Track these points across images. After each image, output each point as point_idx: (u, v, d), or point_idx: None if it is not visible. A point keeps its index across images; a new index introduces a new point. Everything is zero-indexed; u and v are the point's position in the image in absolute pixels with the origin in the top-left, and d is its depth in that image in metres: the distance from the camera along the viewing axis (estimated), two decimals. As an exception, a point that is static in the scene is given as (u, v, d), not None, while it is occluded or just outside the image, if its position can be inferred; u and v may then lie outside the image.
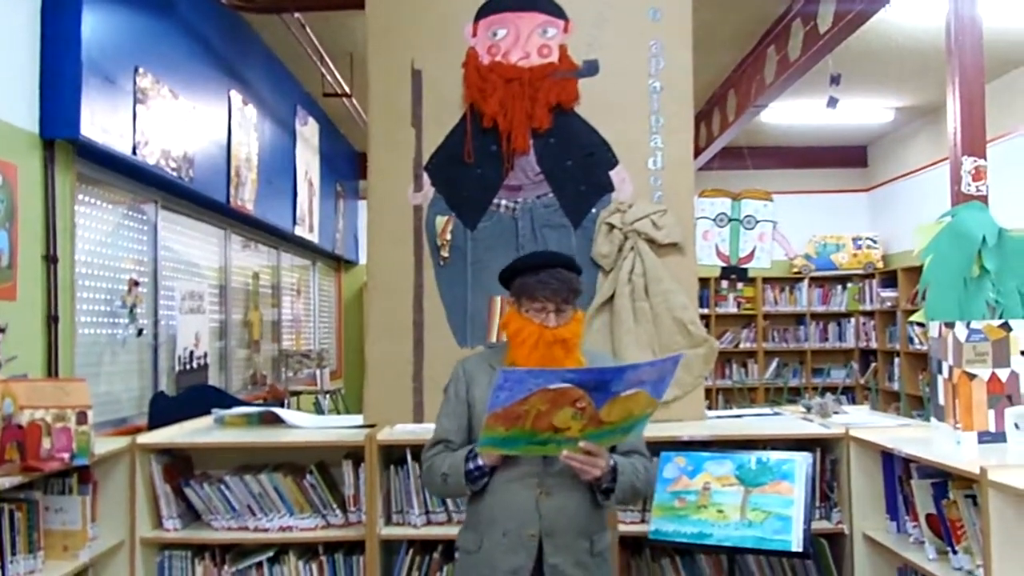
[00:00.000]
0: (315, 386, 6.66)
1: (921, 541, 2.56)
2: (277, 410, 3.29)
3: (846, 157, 9.39)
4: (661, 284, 3.22)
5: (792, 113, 7.46)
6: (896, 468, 2.75)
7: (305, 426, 3.21)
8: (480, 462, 2.13)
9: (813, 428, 2.99)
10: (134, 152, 3.70)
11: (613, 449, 2.15)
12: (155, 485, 2.95)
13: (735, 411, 3.61)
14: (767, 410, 3.52)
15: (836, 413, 3.32)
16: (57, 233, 3.32)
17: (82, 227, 3.64)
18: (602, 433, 1.99)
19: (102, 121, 3.48)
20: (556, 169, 3.27)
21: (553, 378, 1.86)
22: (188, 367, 4.66)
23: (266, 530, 2.96)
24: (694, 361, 3.23)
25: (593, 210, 3.28)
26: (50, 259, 3.29)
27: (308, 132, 6.74)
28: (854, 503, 2.84)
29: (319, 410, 6.57)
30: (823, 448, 2.91)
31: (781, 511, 2.43)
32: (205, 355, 4.90)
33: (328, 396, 6.83)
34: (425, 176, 3.29)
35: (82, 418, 2.53)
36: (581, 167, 3.28)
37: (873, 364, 8.75)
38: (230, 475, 2.97)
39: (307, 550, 3.01)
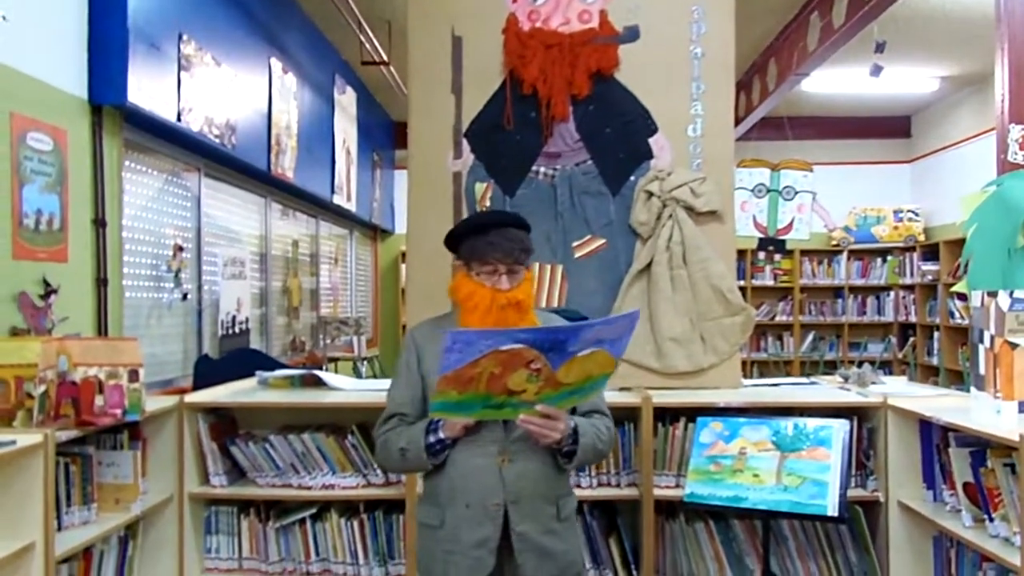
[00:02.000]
0: (352, 353, 6.76)
1: (958, 509, 2.56)
2: (319, 372, 3.35)
3: (888, 128, 9.21)
4: (699, 252, 3.22)
5: (834, 82, 7.33)
6: (934, 437, 2.74)
7: (346, 388, 3.27)
8: (442, 435, 2.04)
9: (851, 396, 2.99)
10: (179, 119, 3.77)
11: (574, 411, 2.10)
12: (202, 443, 3.04)
13: (771, 380, 3.61)
14: (803, 380, 3.51)
15: (874, 383, 3.30)
16: (105, 198, 3.40)
17: (129, 193, 3.72)
18: (560, 395, 1.91)
19: (148, 87, 3.55)
20: (595, 136, 3.27)
21: (504, 339, 1.77)
22: (230, 332, 4.75)
23: (309, 488, 3.03)
24: (731, 329, 3.23)
25: (632, 178, 3.28)
26: (99, 223, 3.37)
27: (346, 101, 6.79)
28: (890, 471, 2.84)
29: (358, 375, 6.68)
30: (860, 416, 2.91)
31: (818, 476, 2.45)
32: (247, 320, 5.00)
33: (365, 362, 6.93)
34: (464, 143, 3.31)
35: (134, 376, 2.61)
36: (620, 134, 3.27)
37: (912, 338, 8.65)
38: (274, 434, 3.04)
39: (348, 508, 3.08)
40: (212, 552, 3.07)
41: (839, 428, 2.53)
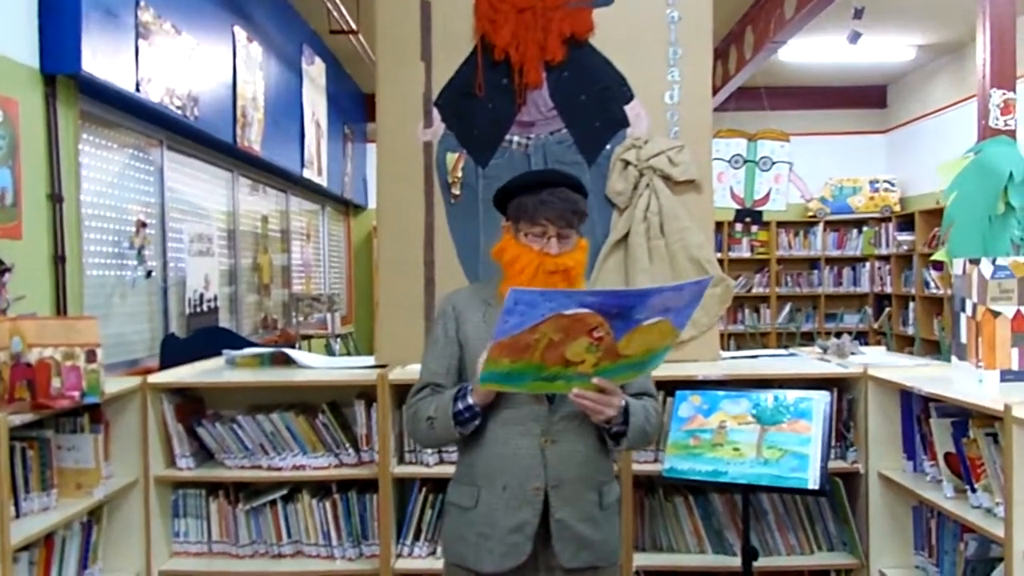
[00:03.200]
0: (326, 330, 6.66)
1: (938, 480, 2.54)
2: (288, 351, 3.26)
3: (864, 97, 9.18)
4: (677, 222, 3.15)
5: (811, 51, 7.26)
6: (915, 407, 2.71)
7: (316, 366, 3.18)
8: (471, 400, 1.89)
9: (831, 368, 2.95)
10: (137, 89, 3.63)
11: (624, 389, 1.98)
12: (167, 424, 2.95)
13: (750, 352, 3.57)
14: (782, 352, 3.47)
15: (853, 354, 3.26)
16: (61, 172, 3.26)
17: (88, 166, 3.58)
18: (617, 368, 1.76)
19: (104, 56, 3.40)
20: (570, 104, 3.18)
21: (569, 302, 1.61)
22: (198, 310, 4.64)
23: (279, 469, 2.96)
24: (709, 301, 3.17)
25: (608, 146, 3.20)
26: (55, 198, 3.24)
27: (315, 72, 6.62)
28: (870, 443, 2.81)
29: (331, 353, 6.59)
30: (840, 388, 2.87)
31: (798, 449, 2.40)
32: (215, 298, 4.88)
33: (339, 340, 6.83)
34: (435, 112, 3.21)
35: (91, 356, 2.50)
36: (595, 101, 3.18)
37: (888, 309, 8.69)
38: (242, 415, 2.96)
39: (320, 488, 3.01)
40: (180, 536, 2.99)
41: (819, 400, 2.49)
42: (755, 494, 2.80)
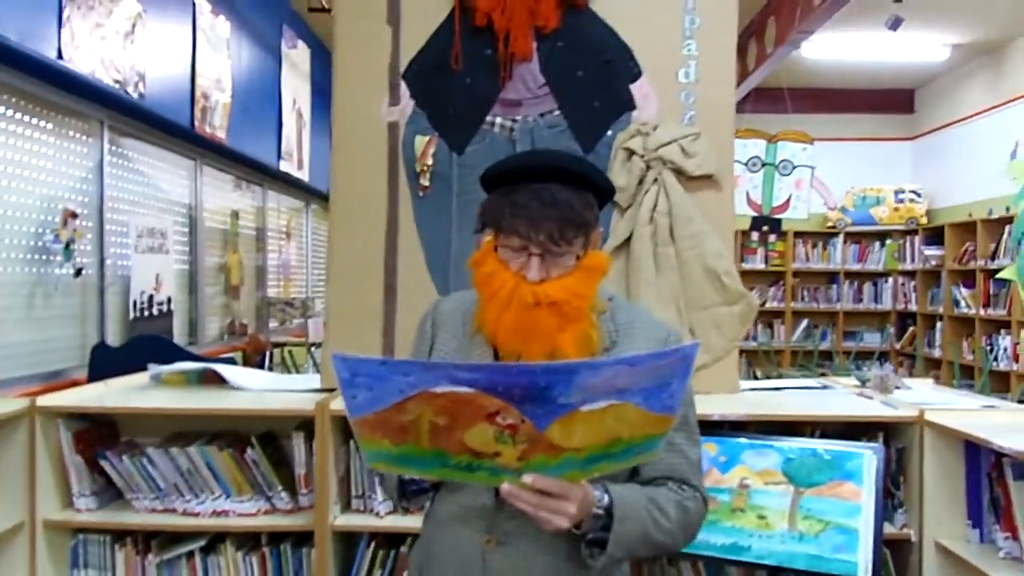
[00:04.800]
0: (304, 338, 6.12)
1: (1016, 557, 2.02)
2: (219, 367, 2.74)
3: (891, 101, 8.64)
4: (690, 225, 2.61)
5: (836, 47, 6.73)
6: (983, 462, 2.17)
7: (250, 388, 2.65)
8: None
9: (879, 410, 2.39)
10: (60, 56, 3.09)
11: (635, 474, 1.43)
12: (64, 456, 2.42)
13: (773, 382, 3.02)
14: (813, 382, 2.92)
15: (898, 388, 2.72)
16: (-45, 149, 2.74)
17: (-1, 145, 3.06)
18: (563, 463, 1.21)
19: (17, 16, 2.87)
20: (564, 80, 2.66)
21: (433, 377, 1.11)
22: (146, 313, 4.11)
23: (196, 514, 2.43)
24: (728, 320, 2.64)
25: (609, 132, 2.67)
26: (-56, 179, 2.72)
27: (297, 56, 6.10)
28: (925, 504, 2.25)
29: (314, 363, 6.04)
30: (887, 433, 2.32)
31: (843, 522, 1.85)
32: (168, 300, 4.35)
33: (318, 348, 6.29)
34: (403, 86, 2.68)
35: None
36: (595, 78, 2.66)
37: (912, 328, 8.13)
38: (154, 447, 2.43)
39: (247, 539, 2.48)
40: (78, 591, 2.46)
41: (871, 456, 1.94)
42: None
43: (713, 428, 2.23)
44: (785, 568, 1.88)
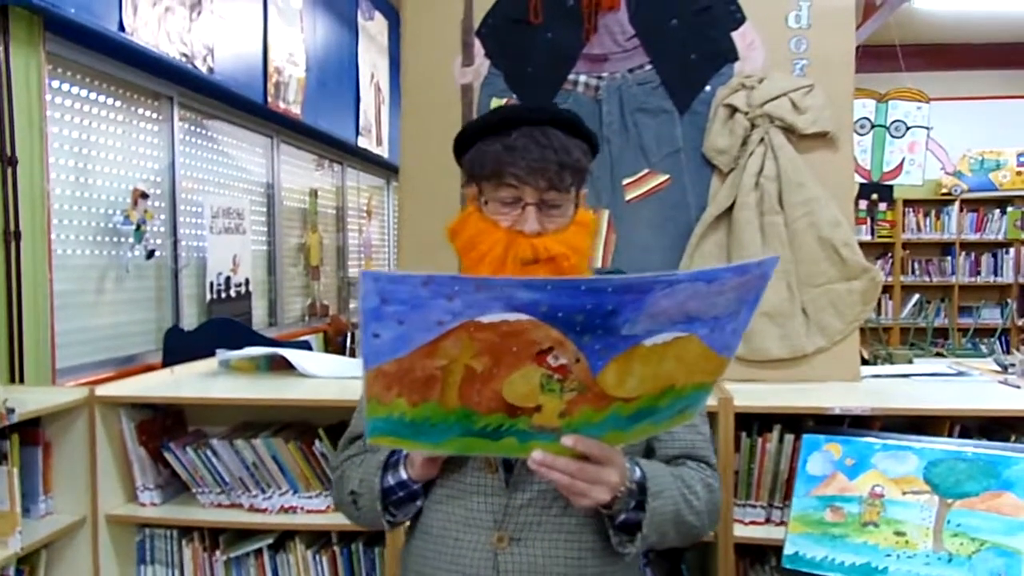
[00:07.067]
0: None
1: None
2: (288, 352, 2.58)
3: (1014, 55, 7.90)
4: (802, 191, 2.30)
5: (953, -2, 6.16)
6: None
7: (319, 375, 2.49)
8: (404, 475, 1.24)
9: (1033, 402, 2.05)
10: (121, 29, 2.97)
11: (650, 452, 1.27)
12: (127, 448, 2.31)
13: (898, 368, 2.67)
14: (946, 367, 2.56)
15: (1048, 374, 2.35)
16: (16, 128, 2.64)
17: (59, 122, 2.96)
18: (609, 418, 1.02)
19: (75, -14, 2.76)
20: (656, 31, 2.38)
21: (488, 297, 0.89)
22: (224, 295, 4.03)
23: (263, 510, 2.28)
24: (847, 299, 2.32)
25: (707, 88, 2.39)
26: (6, 161, 2.62)
27: (375, 29, 5.92)
28: (1094, 514, 1.90)
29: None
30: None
31: (1002, 542, 1.54)
32: (247, 282, 4.26)
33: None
34: (477, 44, 2.46)
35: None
36: (692, 27, 2.37)
37: (1035, 303, 7.48)
38: (218, 438, 2.29)
39: (318, 537, 2.32)
40: (146, 587, 2.36)
41: (1036, 461, 1.60)
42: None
43: (833, 424, 1.94)
44: (931, 596, 1.58)
